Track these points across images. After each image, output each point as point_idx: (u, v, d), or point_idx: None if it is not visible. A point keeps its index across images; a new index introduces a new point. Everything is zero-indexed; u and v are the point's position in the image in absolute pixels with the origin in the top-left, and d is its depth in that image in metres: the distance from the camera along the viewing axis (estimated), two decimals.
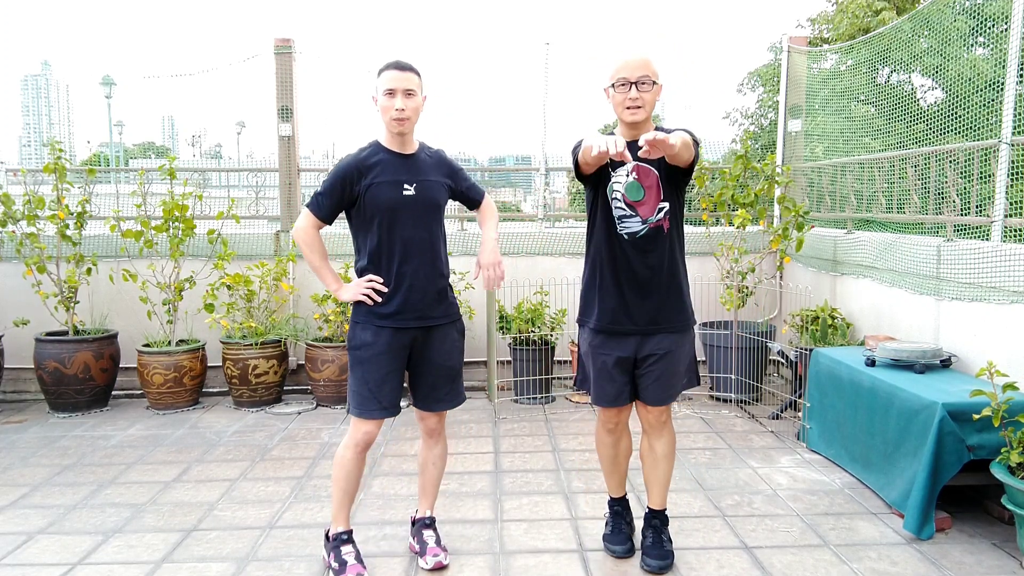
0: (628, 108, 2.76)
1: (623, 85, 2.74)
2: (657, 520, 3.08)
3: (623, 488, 3.21)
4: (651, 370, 2.91)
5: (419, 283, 2.87)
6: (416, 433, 4.79)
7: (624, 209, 2.83)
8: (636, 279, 2.86)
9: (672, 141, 2.47)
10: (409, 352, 2.95)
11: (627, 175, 2.81)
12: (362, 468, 2.98)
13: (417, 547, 3.12)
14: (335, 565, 2.93)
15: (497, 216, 3.15)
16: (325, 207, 2.88)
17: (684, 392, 5.62)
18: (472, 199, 3.10)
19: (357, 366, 2.90)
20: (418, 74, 2.84)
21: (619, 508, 3.20)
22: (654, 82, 2.75)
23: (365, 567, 2.95)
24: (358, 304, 2.91)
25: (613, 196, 2.84)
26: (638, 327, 2.89)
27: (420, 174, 2.89)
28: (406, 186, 2.84)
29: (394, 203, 2.82)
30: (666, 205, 2.83)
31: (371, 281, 2.85)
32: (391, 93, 2.78)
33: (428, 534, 3.11)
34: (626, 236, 2.84)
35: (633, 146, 2.72)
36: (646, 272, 2.85)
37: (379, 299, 2.85)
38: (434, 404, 3.04)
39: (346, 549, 2.95)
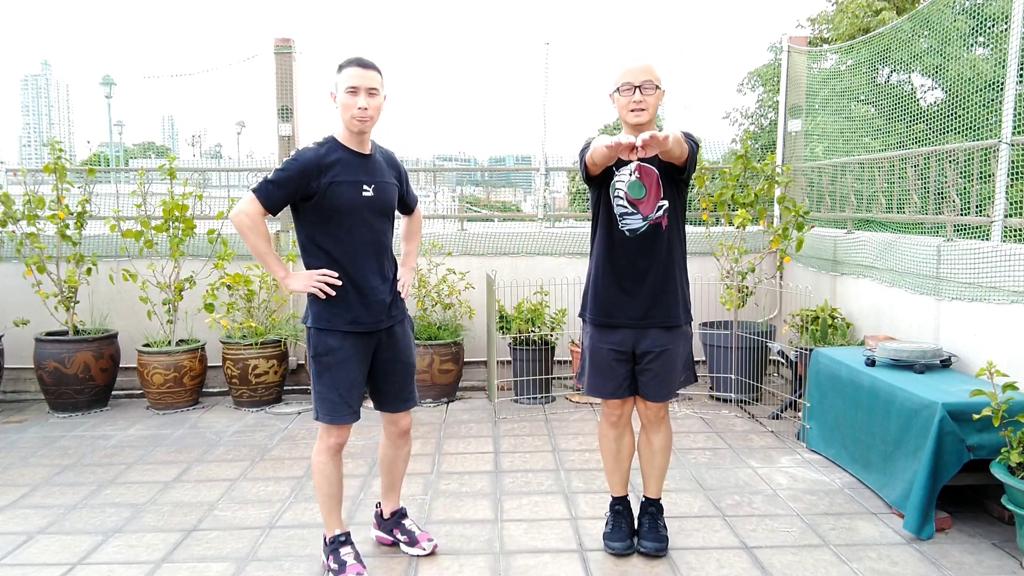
0: (632, 111, 2.84)
1: (628, 89, 2.84)
2: (653, 508, 3.19)
3: (625, 488, 3.23)
4: (650, 367, 2.98)
5: (379, 285, 2.86)
6: (415, 433, 4.79)
7: (626, 207, 2.91)
8: (634, 274, 2.94)
9: (664, 135, 2.54)
10: (374, 354, 2.93)
11: (630, 174, 2.89)
12: (341, 469, 2.97)
13: (405, 537, 3.16)
14: (334, 566, 2.92)
15: (421, 230, 3.24)
16: (276, 198, 2.74)
17: (684, 391, 5.67)
18: (407, 204, 3.13)
19: (325, 372, 2.83)
20: (381, 72, 2.80)
21: (620, 508, 3.22)
22: (656, 86, 2.84)
23: (365, 567, 2.96)
24: (316, 309, 2.83)
25: (616, 195, 2.92)
26: (633, 320, 2.97)
27: (377, 175, 2.87)
28: (365, 187, 2.80)
29: (354, 204, 2.77)
30: (665, 203, 2.91)
31: (324, 275, 2.78)
32: (354, 91, 2.73)
33: (408, 523, 3.20)
34: (627, 233, 2.92)
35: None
36: (643, 268, 2.93)
37: (332, 292, 2.77)
38: (402, 404, 3.05)
39: (345, 550, 2.95)
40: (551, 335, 5.59)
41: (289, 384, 5.93)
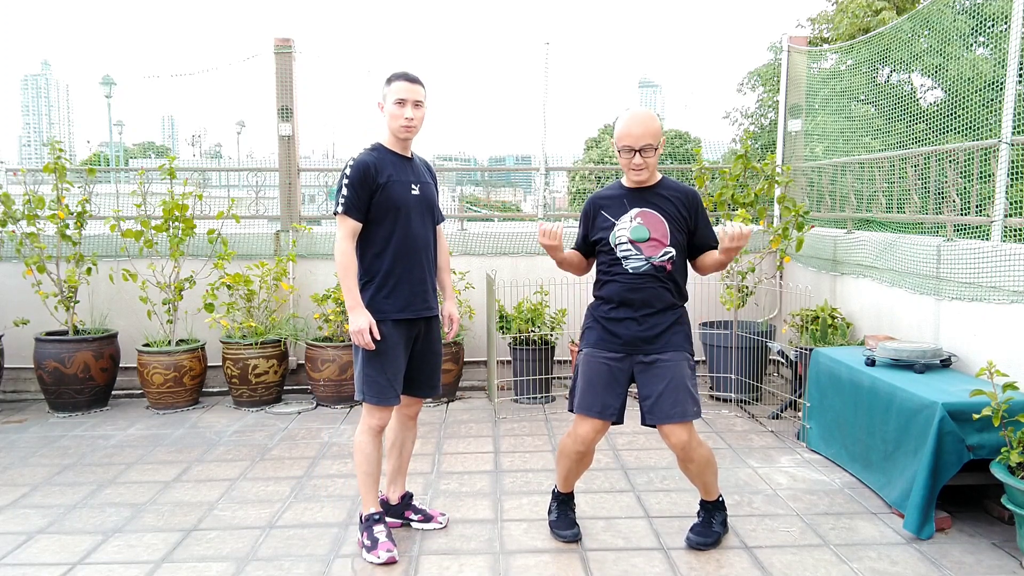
0: (633, 170, 2.98)
1: (628, 151, 2.95)
2: (710, 505, 3.27)
3: (571, 488, 3.35)
4: (654, 389, 2.99)
5: (423, 276, 3.15)
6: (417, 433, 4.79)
7: (630, 249, 3.01)
8: (634, 309, 3.02)
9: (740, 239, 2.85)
10: (413, 344, 3.20)
11: (631, 220, 3.01)
12: (380, 450, 3.18)
13: (418, 516, 3.40)
14: (368, 543, 3.10)
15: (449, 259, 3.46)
16: (359, 202, 3.00)
17: None
18: (437, 213, 3.31)
19: (375, 357, 3.06)
20: (424, 86, 3.10)
21: (564, 498, 3.35)
22: (655, 147, 2.96)
23: (396, 544, 3.09)
24: (370, 300, 3.06)
25: (620, 241, 3.02)
26: (632, 348, 3.04)
27: (420, 176, 3.18)
28: (413, 186, 3.11)
29: (405, 200, 3.07)
30: (672, 251, 3.00)
31: (371, 333, 3.01)
32: (402, 103, 3.01)
33: (418, 503, 3.47)
34: (631, 271, 3.01)
35: (637, 193, 3.05)
36: (645, 303, 3.01)
37: (372, 347, 3.01)
38: (429, 391, 3.30)
39: (378, 528, 3.12)
40: (551, 335, 5.59)
41: (289, 384, 5.93)
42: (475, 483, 3.96)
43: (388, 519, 3.33)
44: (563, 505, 3.35)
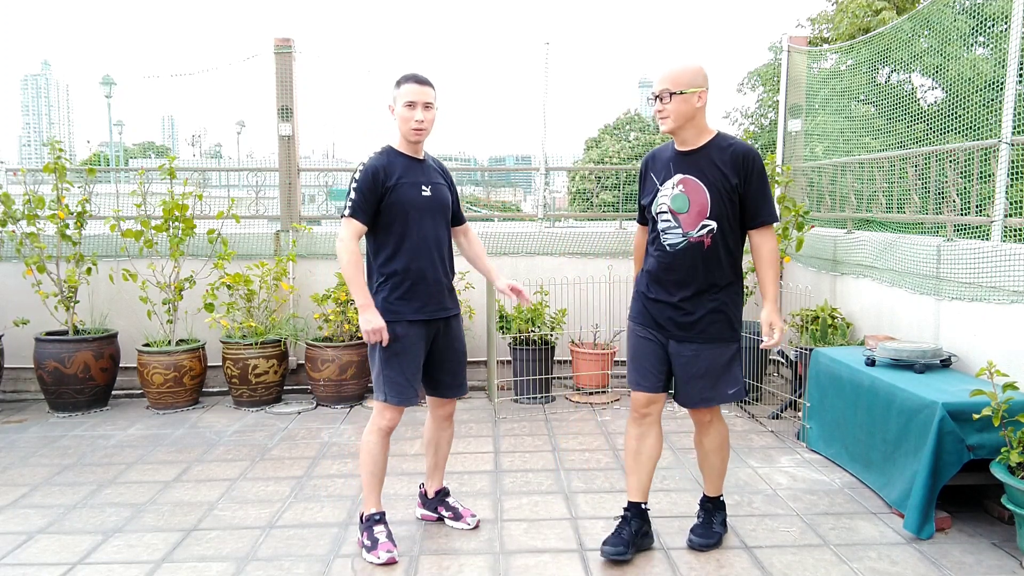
0: (658, 117, 2.88)
1: (654, 98, 2.87)
2: (710, 504, 3.25)
3: (639, 494, 3.10)
4: (683, 372, 3.01)
5: (437, 277, 3.14)
6: (417, 433, 4.79)
7: (669, 220, 2.92)
8: (671, 288, 2.96)
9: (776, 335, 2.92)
10: (431, 344, 3.20)
11: (673, 187, 2.91)
12: (387, 452, 3.19)
13: (449, 513, 3.42)
14: (368, 543, 3.10)
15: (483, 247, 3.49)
16: (366, 207, 3.02)
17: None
18: (458, 215, 3.36)
19: (393, 358, 3.08)
20: (434, 87, 3.11)
21: (628, 513, 3.11)
22: (672, 93, 2.81)
23: (396, 546, 3.10)
24: (384, 302, 3.07)
25: (660, 209, 2.94)
26: (669, 329, 3.00)
27: (432, 177, 3.17)
28: (423, 187, 3.11)
29: (415, 202, 3.07)
30: (711, 224, 2.86)
31: (382, 334, 3.03)
32: (412, 105, 3.03)
33: (452, 501, 3.47)
34: (668, 247, 2.93)
35: (684, 156, 2.90)
36: (680, 283, 2.94)
37: (385, 343, 3.04)
38: (456, 391, 3.31)
39: (378, 528, 3.13)
40: (551, 335, 5.59)
41: (289, 384, 5.93)
42: (475, 483, 3.96)
43: (424, 512, 3.45)
44: (623, 521, 3.08)
